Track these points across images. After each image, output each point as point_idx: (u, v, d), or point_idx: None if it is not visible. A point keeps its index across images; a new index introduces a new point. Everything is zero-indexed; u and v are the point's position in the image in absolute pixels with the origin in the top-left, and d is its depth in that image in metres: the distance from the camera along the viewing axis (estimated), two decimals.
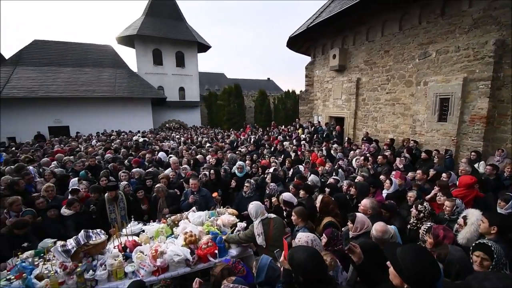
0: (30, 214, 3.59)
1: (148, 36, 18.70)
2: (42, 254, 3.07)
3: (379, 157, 5.89)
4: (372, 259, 1.93)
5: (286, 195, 3.62)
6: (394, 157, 6.08)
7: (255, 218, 3.12)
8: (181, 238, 3.22)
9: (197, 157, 6.53)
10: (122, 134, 13.57)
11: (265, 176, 4.82)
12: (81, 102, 15.55)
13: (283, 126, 13.64)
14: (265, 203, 3.77)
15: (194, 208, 3.94)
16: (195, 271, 3.06)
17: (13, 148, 9.34)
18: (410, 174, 4.77)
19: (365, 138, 8.54)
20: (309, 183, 4.27)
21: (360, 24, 9.21)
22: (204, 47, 21.69)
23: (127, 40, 19.61)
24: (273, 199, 4.04)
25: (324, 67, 11.71)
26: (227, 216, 3.76)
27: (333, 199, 3.33)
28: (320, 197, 3.15)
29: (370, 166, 5.58)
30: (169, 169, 5.47)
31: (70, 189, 4.24)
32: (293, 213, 2.86)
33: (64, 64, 16.91)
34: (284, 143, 8.22)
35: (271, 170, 5.13)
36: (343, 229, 2.01)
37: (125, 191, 4.25)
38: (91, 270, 2.74)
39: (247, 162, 6.07)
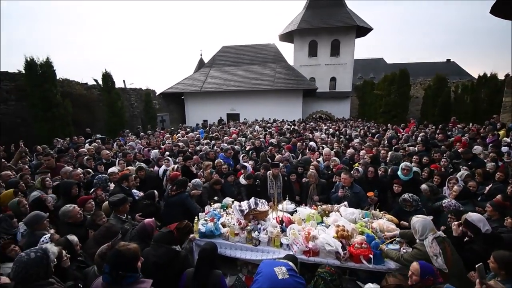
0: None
1: (306, 29, 19.86)
2: (225, 208, 4.18)
3: None
4: None
5: (475, 217, 2.75)
6: None
7: (422, 236, 2.62)
8: (332, 229, 3.26)
9: (348, 151, 6.30)
10: (276, 122, 15.56)
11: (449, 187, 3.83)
12: (249, 94, 19.31)
13: (471, 123, 10.22)
14: (450, 220, 3.02)
15: (345, 203, 3.86)
16: (344, 267, 3.02)
17: (207, 128, 13.29)
18: None
19: None
20: None
21: None
22: (363, 31, 20.17)
23: (287, 36, 21.86)
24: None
25: None
26: (385, 221, 3.39)
27: None
28: None
29: None
30: (319, 159, 5.67)
31: (242, 165, 5.42)
32: (492, 259, 2.07)
33: (240, 63, 21.56)
34: (475, 147, 6.15)
35: (458, 182, 4.01)
36: None
37: (281, 172, 4.86)
38: (256, 232, 3.40)
39: (413, 164, 5.13)
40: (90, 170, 4.82)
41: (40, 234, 2.69)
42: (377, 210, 3.78)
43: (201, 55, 26.19)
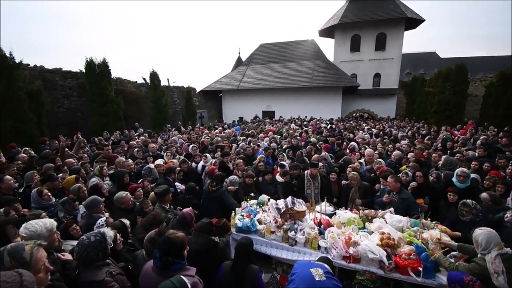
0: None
1: (348, 23, 18.92)
2: (261, 205, 4.20)
3: None
4: None
5: None
6: None
7: (485, 250, 2.35)
8: (376, 236, 3.06)
9: (394, 153, 5.85)
10: (313, 120, 15.16)
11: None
12: (285, 91, 19.11)
13: None
14: None
15: (391, 209, 3.59)
16: (388, 277, 2.81)
17: (242, 125, 13.50)
18: None
19: None
20: None
21: None
22: (413, 22, 18.51)
23: (327, 31, 21.08)
24: None
25: None
26: (437, 232, 3.06)
27: None
28: None
29: None
30: (361, 160, 5.36)
31: (280, 164, 5.36)
32: None
33: (277, 60, 21.43)
34: None
35: None
36: None
37: (320, 172, 4.71)
38: (293, 231, 3.34)
39: (470, 170, 4.56)
40: (142, 161, 5.24)
41: (96, 217, 2.99)
42: (428, 219, 3.44)
43: (239, 53, 26.64)
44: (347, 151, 6.54)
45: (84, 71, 10.63)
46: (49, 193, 3.40)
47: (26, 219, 2.65)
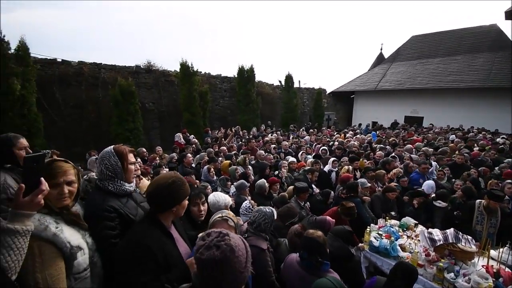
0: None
1: None
2: (405, 229, 3.64)
3: None
4: None
5: None
6: None
7: None
8: None
9: None
10: (483, 133, 11.48)
11: None
12: (442, 93, 15.46)
13: None
14: None
15: None
16: None
17: (379, 131, 12.13)
18: None
19: None
20: None
21: None
22: None
23: None
24: None
25: None
26: None
27: None
28: None
29: None
30: None
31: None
32: None
33: (433, 55, 17.69)
34: None
35: None
36: None
37: (501, 206, 3.51)
38: (452, 273, 2.68)
39: None
40: (278, 156, 5.87)
41: (243, 198, 3.60)
42: None
43: (381, 49, 23.75)
44: None
45: (236, 76, 12.97)
46: (214, 171, 4.41)
47: (198, 189, 3.56)
